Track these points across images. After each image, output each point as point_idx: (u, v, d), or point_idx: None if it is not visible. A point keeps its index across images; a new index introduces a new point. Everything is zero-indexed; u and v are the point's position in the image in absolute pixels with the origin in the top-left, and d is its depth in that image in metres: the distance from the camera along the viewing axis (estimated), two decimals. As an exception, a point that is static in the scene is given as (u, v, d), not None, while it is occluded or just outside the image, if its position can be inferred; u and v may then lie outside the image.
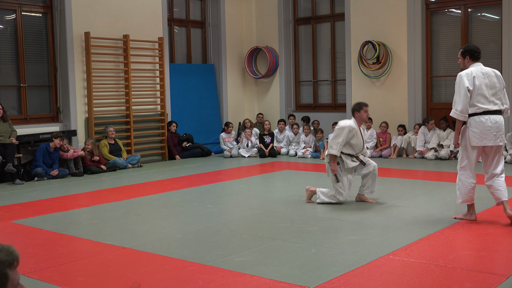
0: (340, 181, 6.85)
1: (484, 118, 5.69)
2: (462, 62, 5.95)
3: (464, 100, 5.68)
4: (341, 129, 6.78)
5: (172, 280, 4.28)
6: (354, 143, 6.83)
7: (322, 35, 13.43)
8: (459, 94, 5.72)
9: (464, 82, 5.67)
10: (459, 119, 5.80)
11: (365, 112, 6.93)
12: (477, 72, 5.71)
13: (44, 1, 10.48)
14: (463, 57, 5.91)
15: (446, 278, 4.13)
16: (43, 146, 9.52)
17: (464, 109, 5.70)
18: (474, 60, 5.86)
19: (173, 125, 12.00)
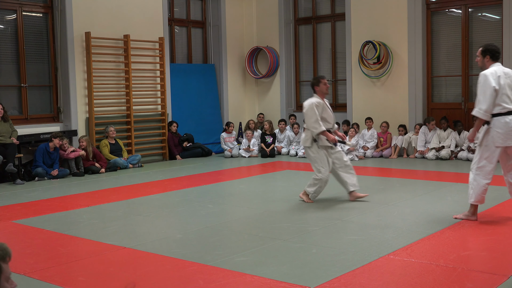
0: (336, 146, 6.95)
1: (508, 119, 5.64)
2: (481, 61, 5.87)
3: (489, 99, 5.60)
4: (310, 108, 6.89)
5: (172, 280, 4.28)
6: (326, 116, 6.95)
7: (322, 35, 13.43)
8: (484, 93, 5.63)
9: (490, 82, 5.60)
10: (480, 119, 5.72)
11: (324, 84, 7.07)
12: (500, 72, 5.66)
13: (44, 1, 10.48)
14: (483, 56, 5.84)
15: (447, 278, 4.13)
16: (43, 146, 9.53)
17: (489, 108, 5.62)
18: (494, 60, 5.80)
19: (174, 125, 12.00)
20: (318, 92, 7.07)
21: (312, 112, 6.85)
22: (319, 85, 7.05)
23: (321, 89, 7.06)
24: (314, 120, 6.83)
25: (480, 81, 5.68)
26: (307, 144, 7.00)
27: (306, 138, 7.00)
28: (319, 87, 7.05)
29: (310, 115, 6.87)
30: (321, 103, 6.95)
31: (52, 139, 9.54)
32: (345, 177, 7.06)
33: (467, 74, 11.41)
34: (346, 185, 7.10)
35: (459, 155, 10.78)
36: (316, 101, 6.93)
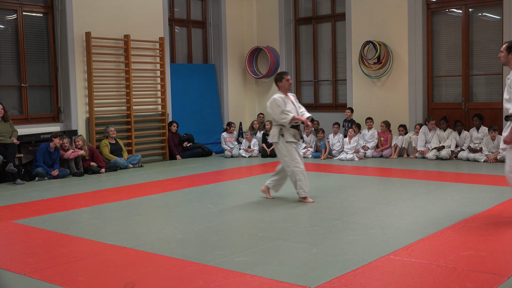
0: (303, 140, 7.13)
1: None
2: (505, 57, 5.75)
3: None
4: (273, 102, 7.11)
5: (172, 280, 4.28)
6: (290, 109, 7.10)
7: (323, 35, 13.43)
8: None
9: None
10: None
11: (286, 80, 7.22)
12: None
13: (45, 1, 10.48)
14: (508, 52, 5.75)
15: (447, 278, 4.13)
16: (43, 146, 9.53)
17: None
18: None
19: (174, 125, 12.00)
20: (281, 88, 7.29)
21: (275, 106, 7.08)
22: (281, 81, 7.26)
23: (283, 84, 7.25)
24: (279, 112, 7.05)
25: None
26: (275, 140, 7.20)
27: (273, 134, 7.21)
28: (282, 83, 7.26)
29: (274, 109, 7.09)
30: (282, 97, 7.16)
31: (52, 138, 9.55)
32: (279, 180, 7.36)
33: (467, 74, 11.41)
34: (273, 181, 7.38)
35: (459, 155, 10.77)
36: (277, 96, 7.15)
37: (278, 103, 7.05)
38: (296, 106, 7.27)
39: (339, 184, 8.70)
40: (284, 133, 7.08)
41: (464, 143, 10.82)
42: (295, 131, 7.18)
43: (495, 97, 11.17)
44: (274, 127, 7.20)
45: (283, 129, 7.09)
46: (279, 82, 7.25)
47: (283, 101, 7.10)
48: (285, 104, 7.08)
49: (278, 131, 7.11)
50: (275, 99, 7.10)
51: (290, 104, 7.15)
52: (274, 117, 7.13)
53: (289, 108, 7.11)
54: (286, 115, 7.01)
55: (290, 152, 7.08)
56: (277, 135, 7.12)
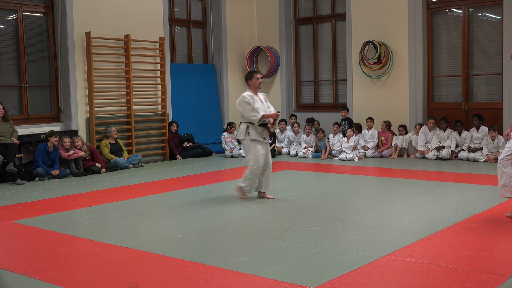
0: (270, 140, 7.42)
1: None
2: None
3: None
4: (241, 101, 7.25)
5: (173, 280, 4.28)
6: (259, 107, 7.24)
7: (323, 35, 13.43)
8: None
9: None
10: None
11: (256, 79, 7.36)
12: None
13: (45, 1, 10.48)
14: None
15: (447, 278, 4.13)
16: (41, 146, 9.53)
17: None
18: None
19: (174, 125, 12.00)
20: (251, 86, 7.42)
21: (245, 104, 7.23)
22: (252, 79, 7.40)
23: (253, 83, 7.38)
24: (250, 110, 7.19)
25: None
26: (241, 137, 7.34)
27: (241, 131, 7.34)
28: (252, 81, 7.39)
29: (244, 106, 7.23)
30: (251, 95, 7.29)
31: (48, 138, 9.53)
32: (263, 177, 7.42)
33: (468, 74, 11.41)
34: (260, 184, 7.45)
35: (459, 155, 10.77)
36: (246, 94, 7.30)
37: (247, 101, 7.20)
38: (265, 106, 7.39)
39: (339, 184, 8.70)
40: (250, 131, 7.25)
41: (464, 143, 10.83)
42: (263, 129, 7.33)
43: (495, 97, 11.17)
44: (242, 124, 7.35)
45: (250, 127, 7.25)
46: (249, 81, 7.42)
47: (252, 99, 7.25)
48: (253, 102, 7.23)
49: (245, 128, 7.28)
50: (244, 97, 7.27)
51: (258, 102, 7.30)
52: (243, 114, 7.27)
53: (258, 106, 7.25)
54: (256, 113, 7.17)
55: (253, 151, 7.26)
56: (244, 132, 7.29)
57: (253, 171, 7.25)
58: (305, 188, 8.22)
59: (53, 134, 9.56)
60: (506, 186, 5.89)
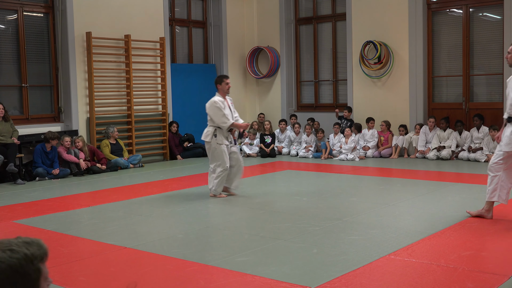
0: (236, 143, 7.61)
1: None
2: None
3: None
4: (213, 106, 7.41)
5: (173, 280, 4.28)
6: (227, 113, 7.44)
7: (323, 35, 13.43)
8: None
9: None
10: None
11: (226, 84, 7.55)
12: None
13: (45, 1, 10.49)
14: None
15: (448, 278, 4.13)
16: (39, 146, 9.52)
17: None
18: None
19: (174, 125, 12.00)
20: (220, 91, 7.57)
21: (216, 109, 7.40)
22: (221, 84, 7.56)
23: (222, 87, 7.55)
24: (221, 115, 7.38)
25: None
26: (208, 139, 7.48)
27: (207, 133, 7.49)
28: (221, 86, 7.56)
29: (215, 112, 7.41)
30: (221, 100, 7.45)
31: (50, 140, 9.50)
32: (234, 177, 7.64)
33: (468, 74, 11.41)
34: (230, 183, 7.66)
35: (460, 155, 10.77)
36: (217, 99, 7.46)
37: (219, 106, 7.36)
38: (232, 111, 7.58)
39: (340, 184, 8.70)
40: (217, 134, 7.39)
41: (465, 143, 10.82)
42: (228, 134, 7.54)
43: (496, 97, 11.17)
44: (210, 127, 7.47)
45: (217, 131, 7.40)
46: (219, 85, 7.56)
47: (223, 105, 7.40)
48: (224, 108, 7.39)
49: (212, 131, 7.43)
50: (216, 102, 7.41)
51: (227, 108, 7.47)
52: (213, 119, 7.42)
53: (227, 112, 7.42)
54: (226, 120, 7.34)
55: (219, 154, 7.42)
56: (210, 135, 7.44)
57: (220, 174, 7.43)
58: (305, 188, 8.22)
59: (55, 138, 9.54)
60: (495, 190, 5.81)
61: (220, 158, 7.43)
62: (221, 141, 7.42)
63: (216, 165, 7.45)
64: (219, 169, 7.43)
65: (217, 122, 7.38)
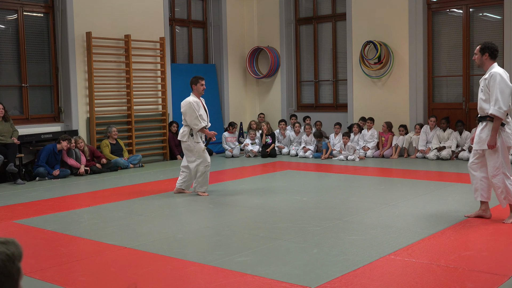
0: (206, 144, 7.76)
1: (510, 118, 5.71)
2: (480, 59, 5.82)
3: (508, 99, 5.53)
4: (188, 107, 7.55)
5: (173, 280, 4.28)
6: (202, 113, 7.62)
7: (323, 35, 13.43)
8: (502, 93, 5.51)
9: (507, 81, 5.56)
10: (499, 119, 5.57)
11: (201, 85, 7.74)
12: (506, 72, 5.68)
13: (45, 1, 10.48)
14: (482, 54, 5.79)
15: (448, 278, 4.13)
16: (50, 146, 9.51)
17: (508, 107, 5.55)
18: (492, 59, 5.77)
19: (174, 125, 12.00)
20: (195, 91, 7.73)
21: (191, 110, 7.54)
22: (197, 84, 7.72)
23: (197, 88, 7.73)
24: (194, 117, 7.53)
25: (495, 80, 5.55)
26: (184, 139, 7.65)
27: (184, 133, 7.64)
28: (196, 87, 7.73)
29: (189, 113, 7.55)
30: (197, 101, 7.61)
31: (60, 141, 9.53)
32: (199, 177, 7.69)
33: (468, 74, 11.41)
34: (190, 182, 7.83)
35: (460, 155, 10.77)
36: (193, 100, 7.61)
37: (194, 108, 7.51)
38: (207, 111, 7.79)
39: (340, 184, 8.70)
40: (193, 133, 7.57)
41: (465, 143, 10.82)
42: (202, 134, 7.69)
43: (496, 97, 11.16)
44: (185, 127, 7.64)
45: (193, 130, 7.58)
46: (194, 85, 7.73)
47: (198, 106, 7.57)
48: (199, 109, 7.56)
49: (188, 131, 7.60)
50: (191, 103, 7.55)
51: (202, 109, 7.65)
52: (187, 119, 7.58)
53: (201, 112, 7.62)
54: (198, 123, 7.50)
55: (199, 151, 7.58)
56: (187, 135, 7.59)
57: (203, 170, 7.58)
58: (305, 188, 8.22)
59: (67, 139, 9.55)
60: (477, 190, 5.91)
61: (201, 155, 7.60)
62: (197, 140, 7.60)
63: (197, 164, 7.60)
64: (202, 167, 7.59)
65: (190, 123, 7.56)
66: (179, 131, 7.81)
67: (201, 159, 7.61)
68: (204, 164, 7.60)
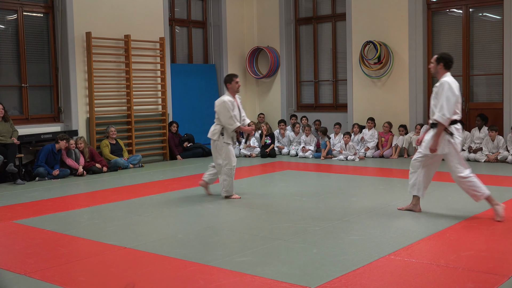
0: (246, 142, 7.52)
1: (459, 126, 6.04)
2: (435, 68, 6.17)
3: (453, 107, 5.87)
4: (222, 106, 7.31)
5: (173, 280, 4.28)
6: (236, 113, 7.40)
7: (323, 35, 13.43)
8: (448, 100, 5.87)
9: (454, 90, 5.91)
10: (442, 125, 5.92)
11: (236, 83, 7.44)
12: (456, 82, 6.03)
13: (45, 1, 10.48)
14: (437, 63, 6.14)
15: (448, 278, 4.13)
16: (49, 146, 9.51)
17: (451, 115, 5.88)
18: (446, 69, 6.12)
19: (174, 125, 12.00)
20: (230, 90, 7.46)
21: (225, 110, 7.30)
22: (231, 83, 7.45)
23: (232, 87, 7.44)
24: (228, 117, 7.30)
25: (443, 88, 5.93)
26: (215, 138, 7.42)
27: (214, 132, 7.43)
28: (231, 85, 7.45)
29: (223, 112, 7.31)
30: (232, 100, 7.37)
31: (58, 141, 9.53)
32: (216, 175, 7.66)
33: (468, 74, 11.41)
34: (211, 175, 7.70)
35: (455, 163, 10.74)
36: (228, 99, 7.36)
37: (228, 107, 7.29)
38: (240, 110, 7.55)
39: (340, 184, 8.70)
40: (224, 133, 7.36)
41: (465, 143, 10.82)
42: (234, 134, 7.48)
43: (496, 97, 11.17)
44: (217, 125, 7.43)
45: (224, 130, 7.37)
46: (229, 84, 7.46)
47: (232, 105, 7.33)
48: (233, 109, 7.34)
49: (219, 130, 7.38)
50: (226, 102, 7.30)
51: (236, 109, 7.41)
52: (221, 119, 7.36)
53: (235, 112, 7.40)
54: (233, 122, 7.30)
55: (226, 152, 7.36)
56: (217, 133, 7.39)
57: (228, 172, 7.39)
58: (305, 188, 8.21)
59: (65, 139, 9.55)
60: (415, 186, 6.26)
61: (227, 157, 7.38)
62: (228, 140, 7.37)
63: (223, 164, 7.38)
64: (226, 168, 7.36)
65: (224, 122, 7.33)
66: (210, 129, 7.52)
67: (227, 160, 7.36)
68: (229, 167, 7.35)
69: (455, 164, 6.03)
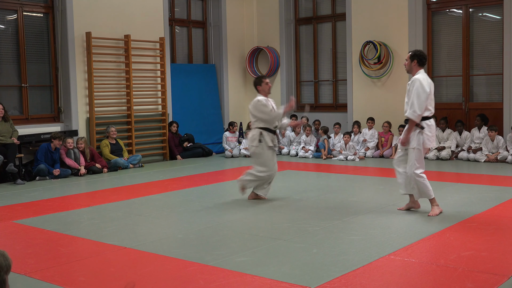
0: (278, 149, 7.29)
1: (432, 122, 6.17)
2: (409, 65, 6.36)
3: (424, 103, 6.02)
4: (258, 104, 7.08)
5: (173, 280, 4.28)
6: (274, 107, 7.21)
7: (323, 35, 13.43)
8: (418, 97, 6.02)
9: (425, 87, 6.04)
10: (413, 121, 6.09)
11: (266, 84, 7.24)
12: (429, 79, 6.17)
13: (45, 1, 10.48)
14: (411, 61, 6.33)
15: (447, 278, 4.13)
16: (45, 145, 9.53)
17: (422, 112, 6.03)
18: (420, 66, 6.29)
19: (174, 125, 12.00)
20: (261, 92, 7.27)
21: (262, 106, 7.06)
22: (261, 84, 7.26)
23: (263, 88, 7.25)
24: (269, 110, 7.07)
25: (414, 85, 6.08)
26: (254, 144, 7.15)
27: (253, 137, 7.16)
28: (262, 87, 7.26)
29: (262, 109, 7.07)
30: (265, 99, 7.16)
31: (52, 140, 9.55)
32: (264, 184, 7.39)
33: (468, 74, 11.41)
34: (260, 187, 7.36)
35: (459, 155, 10.77)
36: (261, 97, 7.15)
37: (264, 103, 7.08)
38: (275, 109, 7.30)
39: (340, 184, 8.70)
40: (264, 138, 7.09)
41: (465, 143, 10.83)
42: (273, 136, 7.21)
43: (496, 97, 11.17)
44: (254, 130, 7.17)
45: (263, 133, 7.09)
46: (259, 86, 7.25)
47: (267, 102, 7.13)
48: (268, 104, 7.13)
49: (258, 135, 7.11)
50: (259, 100, 7.09)
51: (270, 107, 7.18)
52: (262, 116, 7.10)
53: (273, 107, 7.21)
54: (275, 111, 7.09)
55: (267, 158, 7.14)
56: (256, 139, 7.11)
57: (259, 175, 7.17)
58: (305, 188, 8.22)
59: (57, 138, 9.56)
60: (401, 184, 6.39)
61: (265, 164, 7.12)
62: (269, 144, 7.10)
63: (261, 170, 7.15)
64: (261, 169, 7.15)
65: (269, 118, 7.04)
66: (248, 135, 7.27)
67: (263, 165, 7.11)
68: (261, 170, 7.11)
69: (415, 160, 6.15)
